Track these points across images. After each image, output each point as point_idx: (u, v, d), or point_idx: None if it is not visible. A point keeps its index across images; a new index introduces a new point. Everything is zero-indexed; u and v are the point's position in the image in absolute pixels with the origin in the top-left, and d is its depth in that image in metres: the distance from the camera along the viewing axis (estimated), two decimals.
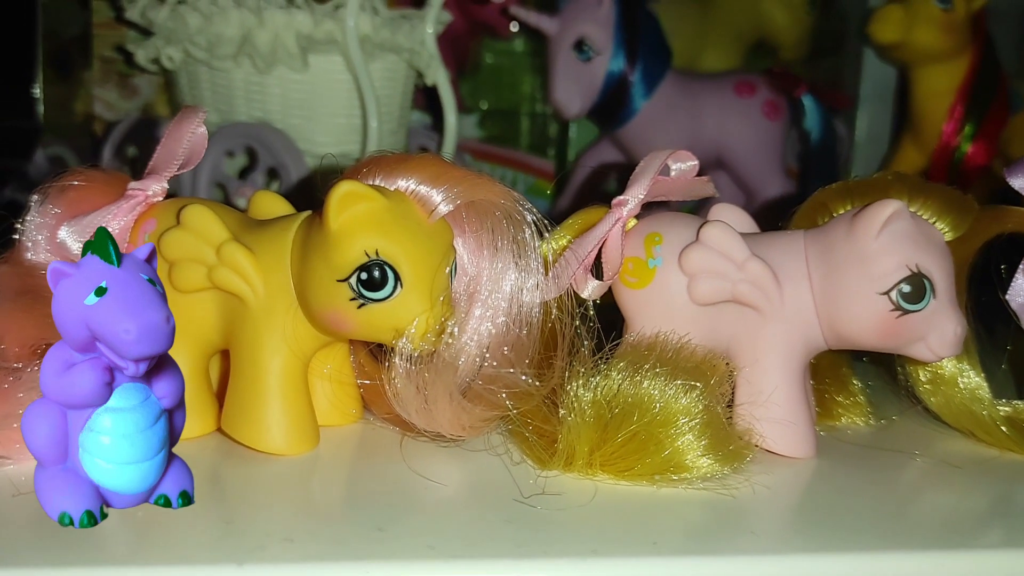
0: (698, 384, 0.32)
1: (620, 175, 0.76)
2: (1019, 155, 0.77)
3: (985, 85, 0.72)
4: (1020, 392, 0.43)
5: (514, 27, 0.82)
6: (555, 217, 0.39)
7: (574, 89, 0.69)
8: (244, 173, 0.63)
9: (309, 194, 0.58)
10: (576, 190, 0.76)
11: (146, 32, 0.64)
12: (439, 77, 0.64)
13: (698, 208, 0.70)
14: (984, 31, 0.72)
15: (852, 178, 0.85)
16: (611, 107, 0.70)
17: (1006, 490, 0.36)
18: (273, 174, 0.60)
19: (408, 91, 0.66)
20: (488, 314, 0.33)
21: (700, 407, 0.32)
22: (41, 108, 0.68)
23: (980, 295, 0.40)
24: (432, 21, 0.63)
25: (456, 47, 0.82)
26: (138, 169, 0.64)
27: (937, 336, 0.34)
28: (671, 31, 0.81)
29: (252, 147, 0.60)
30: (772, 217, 0.41)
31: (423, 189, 0.33)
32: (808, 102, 0.73)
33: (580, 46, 0.68)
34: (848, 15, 0.86)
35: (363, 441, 0.36)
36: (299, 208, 0.37)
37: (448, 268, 0.33)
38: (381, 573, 0.26)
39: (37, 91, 0.67)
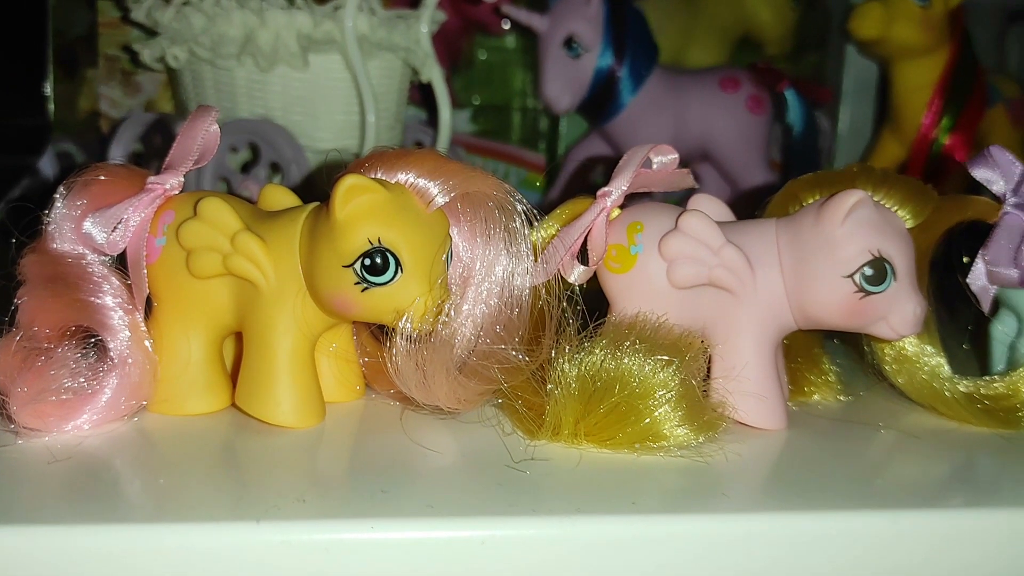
0: (674, 360, 0.35)
1: (607, 167, 0.78)
2: None
3: (963, 79, 0.75)
4: (982, 369, 0.46)
5: (506, 24, 0.84)
6: (546, 208, 0.42)
7: (564, 85, 0.71)
8: (247, 167, 0.65)
9: (310, 187, 0.60)
10: (566, 182, 0.79)
11: (151, 32, 0.66)
12: (434, 74, 0.67)
13: (684, 200, 0.73)
14: (962, 27, 0.74)
15: (833, 167, 0.87)
16: (600, 102, 0.72)
17: (966, 458, 0.39)
18: (275, 168, 0.63)
19: (404, 88, 0.69)
20: (482, 297, 0.36)
21: (676, 381, 0.35)
22: (51, 106, 0.70)
23: (943, 279, 0.43)
24: (427, 21, 0.66)
25: (450, 44, 0.84)
26: (141, 164, 0.66)
27: (898, 316, 0.37)
28: (658, 27, 0.83)
29: (254, 142, 0.63)
30: (756, 207, 0.44)
31: (421, 182, 0.36)
32: (791, 96, 0.76)
33: (569, 43, 0.70)
34: (831, 11, 0.88)
35: (366, 415, 0.39)
36: (303, 200, 0.40)
37: (444, 254, 0.35)
38: (385, 528, 0.29)
39: (48, 89, 0.69)
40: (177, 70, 0.66)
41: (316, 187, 0.58)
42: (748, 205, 0.44)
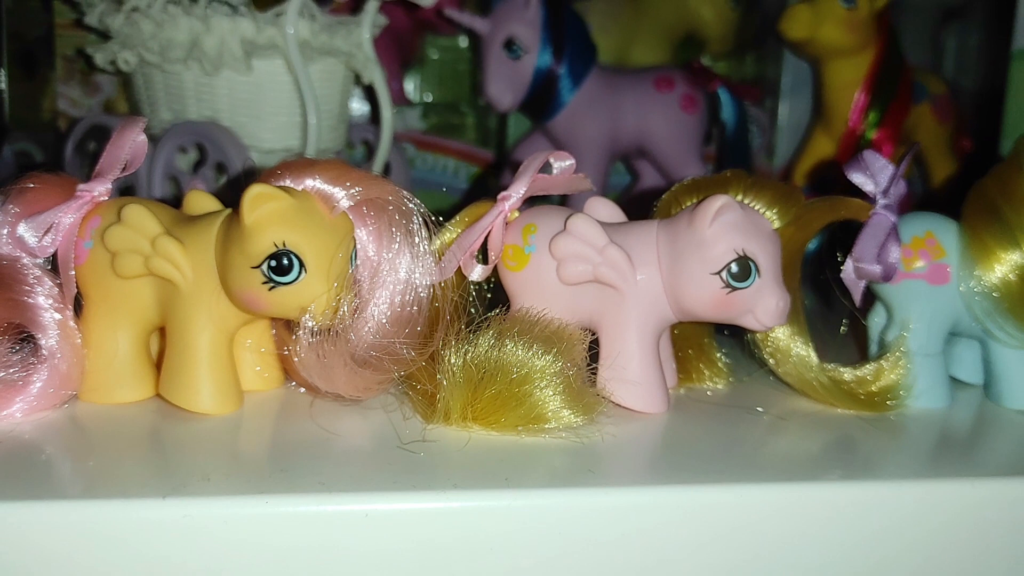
0: (551, 350, 0.39)
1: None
2: (922, 142, 0.83)
3: (888, 77, 0.78)
4: (861, 354, 0.50)
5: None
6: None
7: (505, 85, 0.74)
8: (196, 167, 0.68)
9: (248, 174, 0.63)
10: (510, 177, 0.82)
11: (104, 36, 0.69)
12: (375, 77, 0.70)
13: (621, 198, 0.76)
14: (888, 27, 0.78)
15: (774, 162, 0.91)
16: (540, 101, 0.75)
17: (834, 437, 0.42)
18: (221, 168, 0.66)
19: (347, 90, 0.72)
20: (384, 294, 0.39)
21: (553, 368, 0.38)
22: (7, 106, 0.73)
23: (820, 274, 0.47)
24: (368, 26, 0.69)
25: (401, 42, 0.87)
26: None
27: (762, 309, 0.41)
28: (603, 27, 0.86)
29: (202, 144, 0.66)
30: None
31: (327, 188, 0.39)
32: (723, 95, 0.79)
33: (510, 45, 0.73)
34: (768, 11, 0.91)
35: (281, 403, 0.42)
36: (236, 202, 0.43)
37: (344, 254, 0.39)
38: (278, 503, 0.32)
39: (4, 91, 0.72)
40: (129, 73, 0.69)
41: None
42: None
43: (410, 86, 0.91)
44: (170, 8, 0.65)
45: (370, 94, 0.81)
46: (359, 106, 0.84)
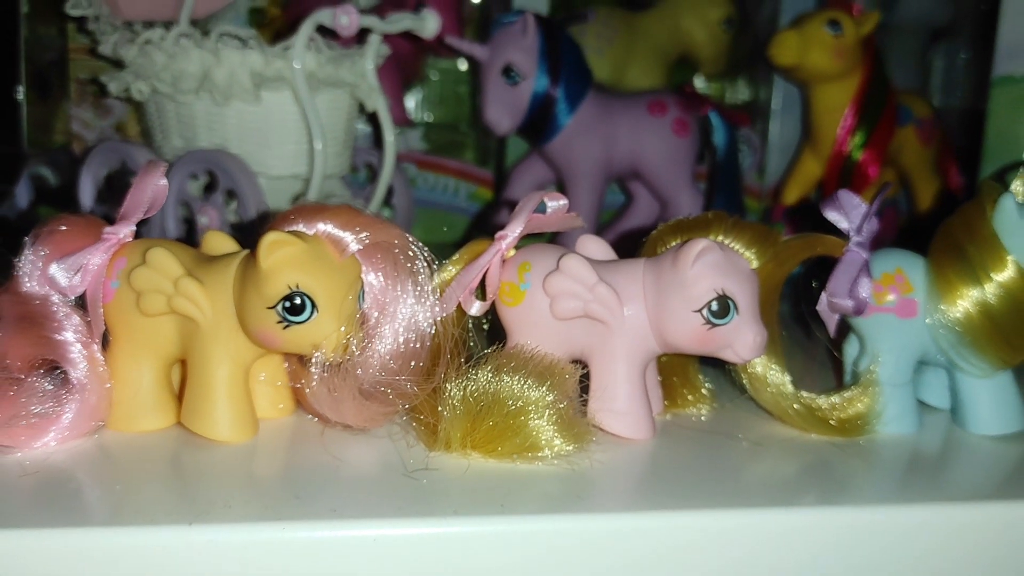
0: (545, 383, 0.42)
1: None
2: (907, 164, 0.86)
3: (874, 101, 0.81)
4: (839, 380, 0.53)
5: None
6: (491, 229, 0.47)
7: (503, 110, 0.76)
8: (206, 192, 0.71)
9: (263, 218, 0.66)
10: (509, 198, 0.85)
11: (117, 64, 0.72)
12: (379, 105, 0.73)
13: (615, 216, 0.78)
14: (873, 52, 0.81)
15: (765, 180, 0.94)
16: (538, 125, 0.78)
17: (809, 462, 0.45)
18: (231, 194, 0.69)
19: (352, 118, 0.75)
20: (390, 331, 0.42)
21: (546, 400, 0.42)
22: (24, 133, 0.76)
23: (799, 306, 0.50)
24: (371, 57, 0.72)
25: (403, 64, 0.90)
26: (113, 186, 0.72)
27: (740, 343, 0.44)
28: (599, 50, 0.89)
29: (212, 171, 0.69)
30: None
31: (337, 233, 0.42)
32: (715, 119, 0.82)
33: (508, 72, 0.75)
34: (760, 34, 0.94)
35: (294, 431, 0.45)
36: (249, 238, 0.46)
37: (353, 295, 0.41)
38: (294, 529, 0.35)
39: (21, 118, 0.75)
40: (142, 102, 0.72)
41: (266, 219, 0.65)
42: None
43: (411, 107, 0.94)
44: (182, 41, 0.68)
45: (373, 119, 0.84)
46: (362, 127, 0.87)
